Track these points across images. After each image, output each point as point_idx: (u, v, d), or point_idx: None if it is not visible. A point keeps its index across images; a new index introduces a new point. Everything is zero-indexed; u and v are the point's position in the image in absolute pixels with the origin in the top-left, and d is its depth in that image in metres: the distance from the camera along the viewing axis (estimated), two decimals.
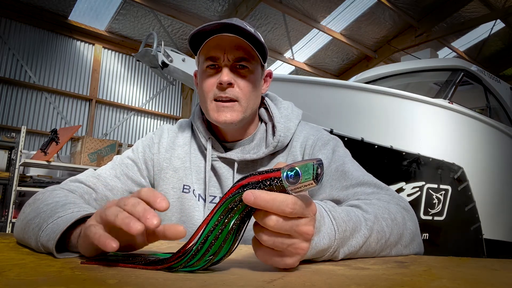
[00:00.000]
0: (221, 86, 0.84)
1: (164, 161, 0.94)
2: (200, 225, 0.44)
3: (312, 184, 0.39)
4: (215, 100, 0.85)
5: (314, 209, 0.45)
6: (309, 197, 0.44)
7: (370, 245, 0.58)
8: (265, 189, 0.41)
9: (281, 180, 0.40)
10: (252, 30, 0.84)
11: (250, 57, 0.85)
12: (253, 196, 0.40)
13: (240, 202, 0.42)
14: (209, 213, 0.44)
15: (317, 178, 0.39)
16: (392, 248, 0.63)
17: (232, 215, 0.42)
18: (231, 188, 0.43)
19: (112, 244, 0.43)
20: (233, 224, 0.42)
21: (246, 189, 0.41)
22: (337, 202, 0.75)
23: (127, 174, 0.91)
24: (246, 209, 0.43)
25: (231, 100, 0.85)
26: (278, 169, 0.41)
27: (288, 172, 0.40)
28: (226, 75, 0.82)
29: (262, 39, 0.86)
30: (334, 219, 0.52)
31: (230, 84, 0.83)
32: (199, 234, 0.44)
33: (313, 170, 0.39)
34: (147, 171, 0.95)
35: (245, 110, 0.86)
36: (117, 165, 0.92)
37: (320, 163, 0.40)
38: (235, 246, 0.44)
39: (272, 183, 0.41)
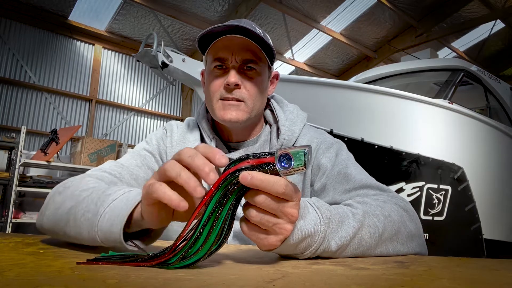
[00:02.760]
0: (228, 87, 0.84)
1: (172, 154, 0.94)
2: (196, 208, 0.45)
3: (302, 169, 0.44)
4: (221, 99, 0.86)
5: (300, 195, 0.49)
6: (295, 184, 0.48)
7: (363, 238, 0.59)
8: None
9: (274, 165, 0.44)
10: (260, 32, 0.84)
11: (258, 59, 0.85)
12: (250, 176, 0.44)
13: (237, 184, 0.45)
14: (205, 196, 0.45)
15: (307, 163, 0.44)
16: (388, 244, 0.63)
17: (229, 196, 0.45)
18: (226, 169, 0.46)
19: (184, 205, 0.44)
20: (230, 205, 0.45)
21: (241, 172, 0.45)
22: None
23: (147, 164, 0.91)
24: (241, 192, 0.46)
25: (237, 100, 0.85)
26: (272, 154, 0.45)
27: (281, 158, 0.44)
28: (233, 77, 0.83)
29: (271, 42, 0.86)
30: (318, 209, 0.55)
31: (237, 86, 0.84)
32: (200, 216, 0.45)
33: (304, 157, 0.43)
34: (162, 163, 0.95)
35: (251, 111, 0.86)
36: (136, 156, 0.91)
37: (310, 150, 0.45)
38: (228, 234, 0.46)
39: (266, 167, 0.45)
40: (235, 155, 0.91)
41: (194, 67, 2.24)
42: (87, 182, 0.67)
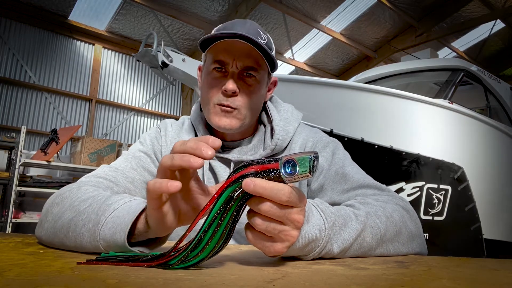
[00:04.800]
0: (226, 93, 0.83)
1: (167, 153, 0.94)
2: (199, 213, 0.45)
3: (308, 176, 0.42)
4: (218, 104, 0.85)
5: (305, 200, 0.48)
6: (300, 190, 0.47)
7: (365, 240, 0.59)
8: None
9: (279, 172, 0.43)
10: (265, 37, 0.84)
11: (259, 66, 0.84)
12: (252, 183, 0.42)
13: (240, 190, 0.44)
14: (208, 202, 0.44)
15: (313, 170, 0.42)
16: (389, 244, 0.63)
17: (232, 203, 0.44)
18: (230, 176, 0.45)
19: (175, 184, 0.44)
20: (233, 212, 0.44)
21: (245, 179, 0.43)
22: (338, 205, 0.75)
23: (143, 166, 0.90)
24: (244, 198, 0.45)
25: (232, 108, 0.85)
26: (276, 160, 0.43)
27: (286, 164, 0.43)
28: (231, 84, 0.82)
29: (274, 49, 0.86)
30: (322, 212, 0.55)
31: (234, 93, 0.83)
32: (203, 222, 0.44)
33: (310, 163, 0.42)
34: (158, 163, 0.94)
35: (244, 118, 0.86)
36: (130, 158, 0.90)
37: (316, 156, 0.43)
38: (230, 238, 0.46)
39: (270, 174, 0.43)
40: (230, 154, 0.90)
41: (194, 67, 2.25)
42: (85, 191, 0.66)
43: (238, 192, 0.44)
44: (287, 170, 0.43)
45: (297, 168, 0.42)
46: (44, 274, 0.39)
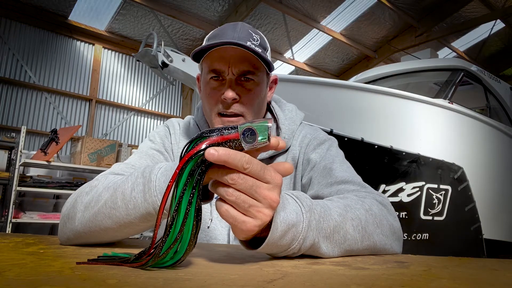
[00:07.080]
0: (226, 102, 0.82)
1: (178, 152, 0.94)
2: (166, 190, 0.44)
3: (266, 142, 0.43)
4: (220, 114, 0.84)
5: (277, 178, 0.46)
6: (269, 167, 0.46)
7: (348, 232, 0.58)
8: None
9: (239, 141, 0.43)
10: (257, 38, 0.84)
11: (255, 69, 0.83)
12: (216, 153, 0.41)
13: (202, 163, 0.43)
14: (171, 178, 0.43)
15: (269, 137, 0.43)
16: (374, 236, 0.62)
17: (198, 177, 0.43)
18: (190, 150, 0.43)
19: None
20: (199, 186, 0.43)
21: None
22: (322, 199, 0.76)
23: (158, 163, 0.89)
24: (205, 171, 0.44)
25: (236, 115, 0.84)
26: (234, 129, 0.43)
27: (245, 133, 0.43)
28: (230, 92, 0.81)
29: (269, 48, 0.85)
30: (298, 198, 0.54)
31: (235, 100, 0.82)
32: (170, 201, 0.43)
33: (267, 130, 0.43)
34: (170, 160, 0.93)
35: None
36: (144, 156, 0.88)
37: (272, 122, 0.44)
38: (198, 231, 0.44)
39: (231, 144, 0.43)
40: None
41: (194, 67, 2.25)
42: (113, 177, 0.66)
43: (201, 165, 0.43)
44: (247, 139, 0.43)
45: (257, 136, 0.43)
46: (44, 274, 0.39)
